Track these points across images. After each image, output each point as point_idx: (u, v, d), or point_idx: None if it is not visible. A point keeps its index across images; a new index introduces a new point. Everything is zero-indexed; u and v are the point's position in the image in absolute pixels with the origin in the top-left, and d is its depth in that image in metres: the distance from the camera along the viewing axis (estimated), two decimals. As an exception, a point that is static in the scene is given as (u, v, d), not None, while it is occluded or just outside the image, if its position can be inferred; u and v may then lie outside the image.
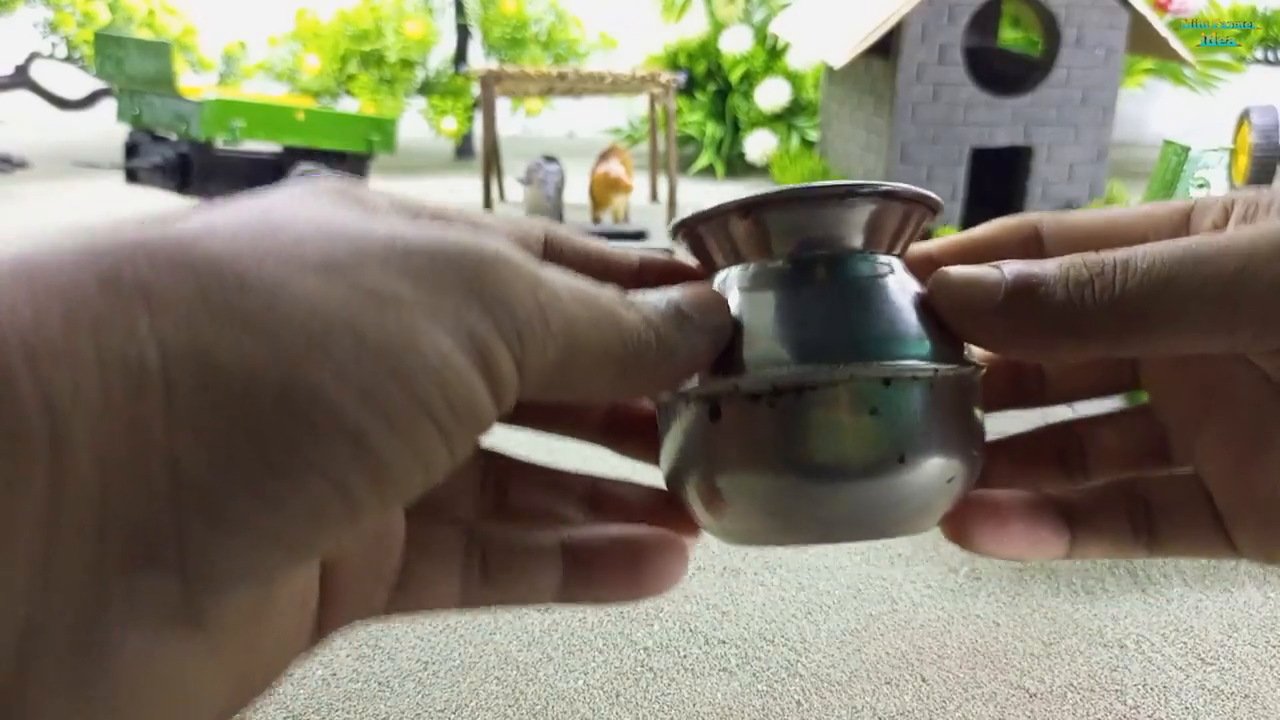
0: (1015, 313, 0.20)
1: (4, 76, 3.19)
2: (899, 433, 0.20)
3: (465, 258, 0.16)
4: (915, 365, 0.20)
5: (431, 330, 0.15)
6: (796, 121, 2.84)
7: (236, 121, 2.16)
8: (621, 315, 0.19)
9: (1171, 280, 0.19)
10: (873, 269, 0.21)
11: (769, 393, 0.20)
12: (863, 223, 0.21)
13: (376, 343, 0.15)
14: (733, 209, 0.22)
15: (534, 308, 0.17)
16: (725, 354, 0.21)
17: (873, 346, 0.20)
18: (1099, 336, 0.19)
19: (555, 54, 3.14)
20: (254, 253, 0.15)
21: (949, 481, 0.21)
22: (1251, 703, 0.71)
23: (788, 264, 0.21)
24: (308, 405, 0.14)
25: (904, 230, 0.22)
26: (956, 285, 0.21)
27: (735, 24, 2.92)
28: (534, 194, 1.97)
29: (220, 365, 0.14)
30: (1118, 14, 1.91)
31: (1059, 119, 1.96)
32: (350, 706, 0.69)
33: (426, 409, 0.15)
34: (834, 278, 0.21)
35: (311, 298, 0.15)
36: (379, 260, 0.16)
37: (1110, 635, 0.78)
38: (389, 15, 2.98)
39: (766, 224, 0.21)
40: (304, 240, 0.15)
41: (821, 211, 0.21)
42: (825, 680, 0.73)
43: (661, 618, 0.80)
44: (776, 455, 0.20)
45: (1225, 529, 0.22)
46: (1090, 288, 0.19)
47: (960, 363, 0.21)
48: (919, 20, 1.85)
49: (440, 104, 3.02)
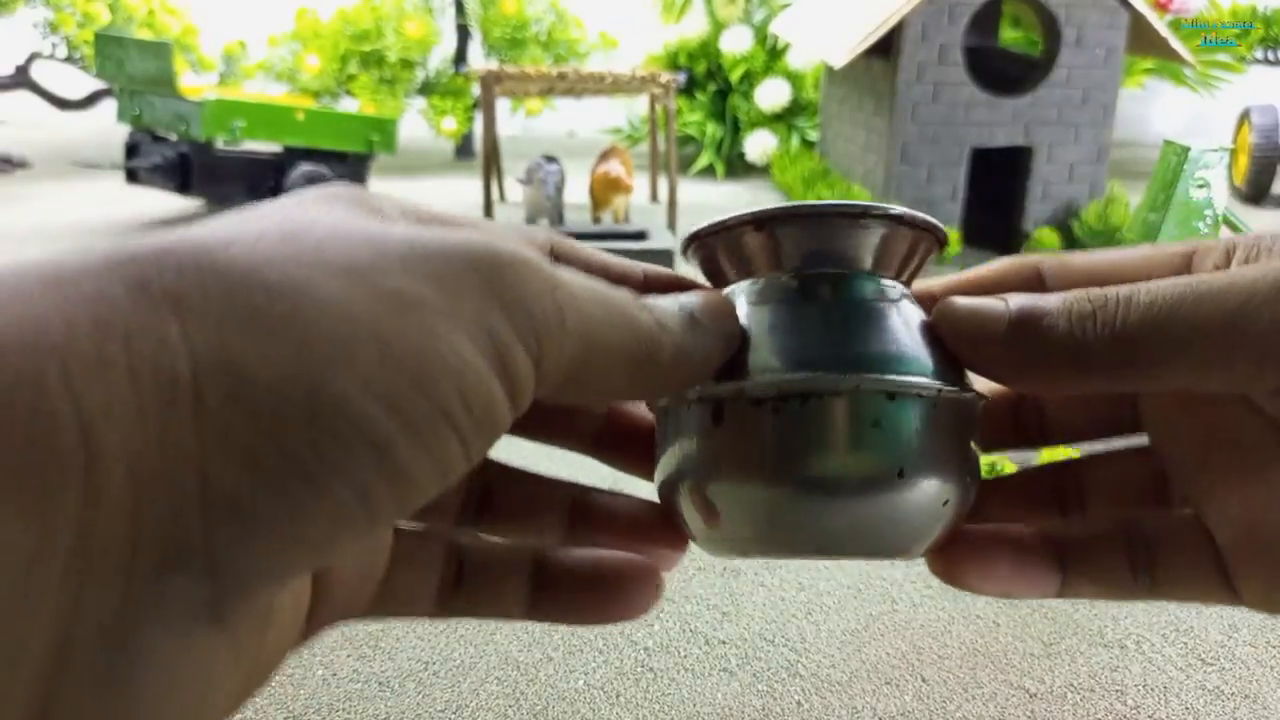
0: (1019, 343, 0.20)
1: (4, 77, 3.19)
2: (900, 448, 0.20)
3: (484, 259, 0.16)
4: (920, 383, 0.20)
5: (452, 334, 0.15)
6: (796, 121, 2.85)
7: (237, 121, 2.17)
8: (636, 315, 0.19)
9: (1173, 316, 0.19)
10: (881, 291, 0.22)
11: (774, 398, 0.20)
12: (874, 244, 0.22)
13: (399, 350, 0.15)
14: (747, 221, 0.22)
15: (551, 307, 0.17)
16: (730, 363, 0.21)
17: (878, 362, 0.20)
18: (1100, 369, 0.20)
19: (555, 54, 3.14)
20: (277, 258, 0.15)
21: (944, 504, 0.21)
22: (1251, 703, 0.71)
23: (797, 279, 0.22)
24: (333, 415, 0.14)
25: (912, 258, 0.23)
26: (962, 314, 0.21)
27: (735, 24, 2.93)
28: (534, 194, 1.97)
29: (248, 375, 0.14)
30: (1118, 14, 1.91)
31: (1059, 119, 1.96)
32: (350, 706, 0.69)
33: (447, 416, 0.15)
34: (843, 295, 0.21)
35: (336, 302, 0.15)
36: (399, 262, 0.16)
37: (1110, 635, 0.78)
38: (389, 15, 2.98)
39: (779, 238, 0.22)
40: (325, 244, 0.16)
41: (835, 229, 0.22)
42: (825, 680, 0.73)
43: (662, 618, 0.80)
44: (776, 462, 0.20)
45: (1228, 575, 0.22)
46: (1092, 321, 0.19)
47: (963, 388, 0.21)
48: (919, 20, 1.85)
49: (440, 104, 3.03)
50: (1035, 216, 2.00)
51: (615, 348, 0.18)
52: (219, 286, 0.14)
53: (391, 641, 0.76)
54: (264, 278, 0.15)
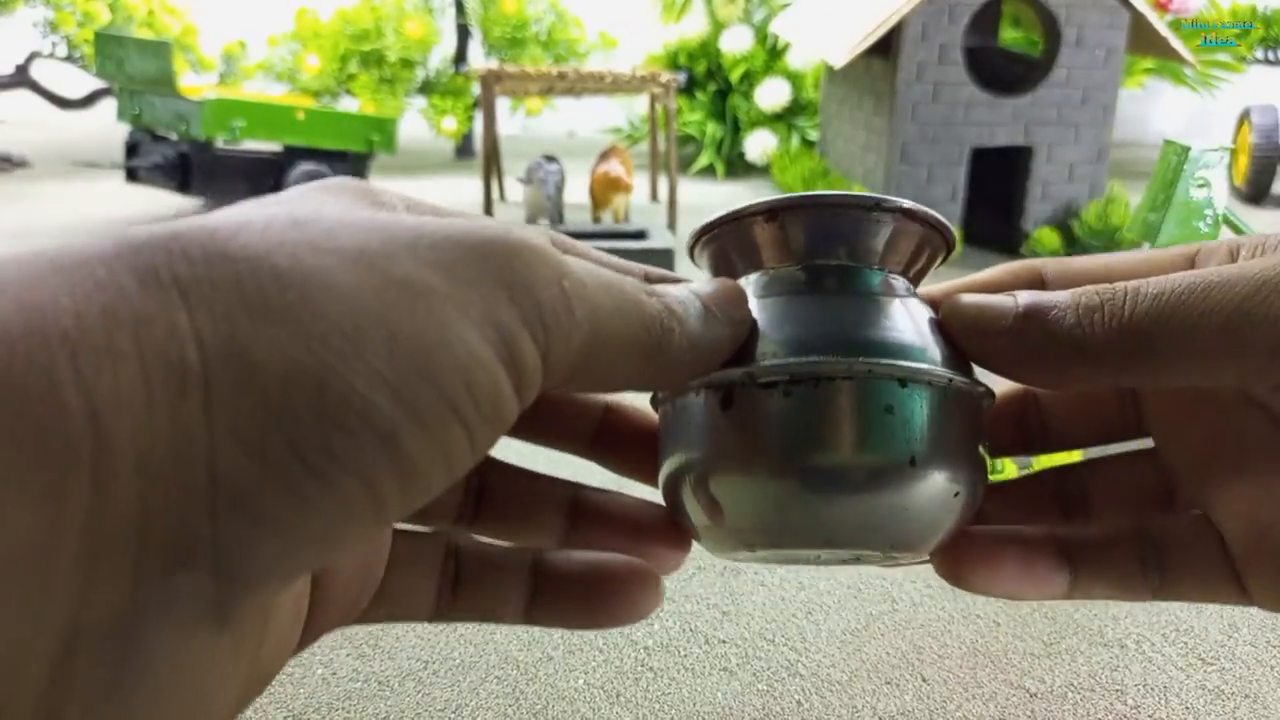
0: (1027, 336, 0.20)
1: (4, 76, 3.19)
2: (912, 435, 0.20)
3: (493, 247, 0.16)
4: (932, 370, 0.20)
5: (460, 324, 0.15)
6: (796, 121, 2.85)
7: (236, 121, 2.17)
8: (645, 302, 0.19)
9: (1180, 308, 0.19)
10: (889, 285, 0.22)
11: (785, 382, 0.20)
12: (884, 236, 0.21)
13: (408, 341, 0.15)
14: (759, 211, 0.21)
15: (559, 295, 0.17)
16: (739, 352, 0.21)
17: (889, 350, 0.20)
18: (1108, 362, 0.19)
19: (555, 54, 3.14)
20: (288, 244, 0.15)
21: (955, 496, 0.21)
22: (1252, 703, 0.71)
23: (807, 270, 0.21)
24: (342, 407, 0.14)
25: (920, 256, 0.22)
26: (970, 309, 0.21)
27: (735, 24, 2.92)
28: (534, 194, 1.97)
29: (258, 364, 0.14)
30: (1118, 14, 1.91)
31: (1059, 119, 1.96)
32: (350, 706, 0.69)
33: (454, 408, 0.15)
34: (852, 287, 0.21)
35: (345, 289, 0.15)
36: (409, 249, 0.16)
37: (1110, 635, 0.78)
38: (389, 15, 2.98)
39: (790, 228, 0.21)
40: (334, 231, 0.15)
41: (846, 220, 0.21)
42: (825, 680, 0.73)
43: (662, 618, 0.80)
44: (786, 448, 0.20)
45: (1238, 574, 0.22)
46: (1100, 313, 0.19)
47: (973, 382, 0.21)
48: (919, 20, 1.85)
49: (440, 104, 3.02)
50: (1035, 216, 2.00)
51: (624, 336, 0.18)
52: (228, 274, 0.14)
53: (391, 641, 0.76)
54: (274, 264, 0.14)
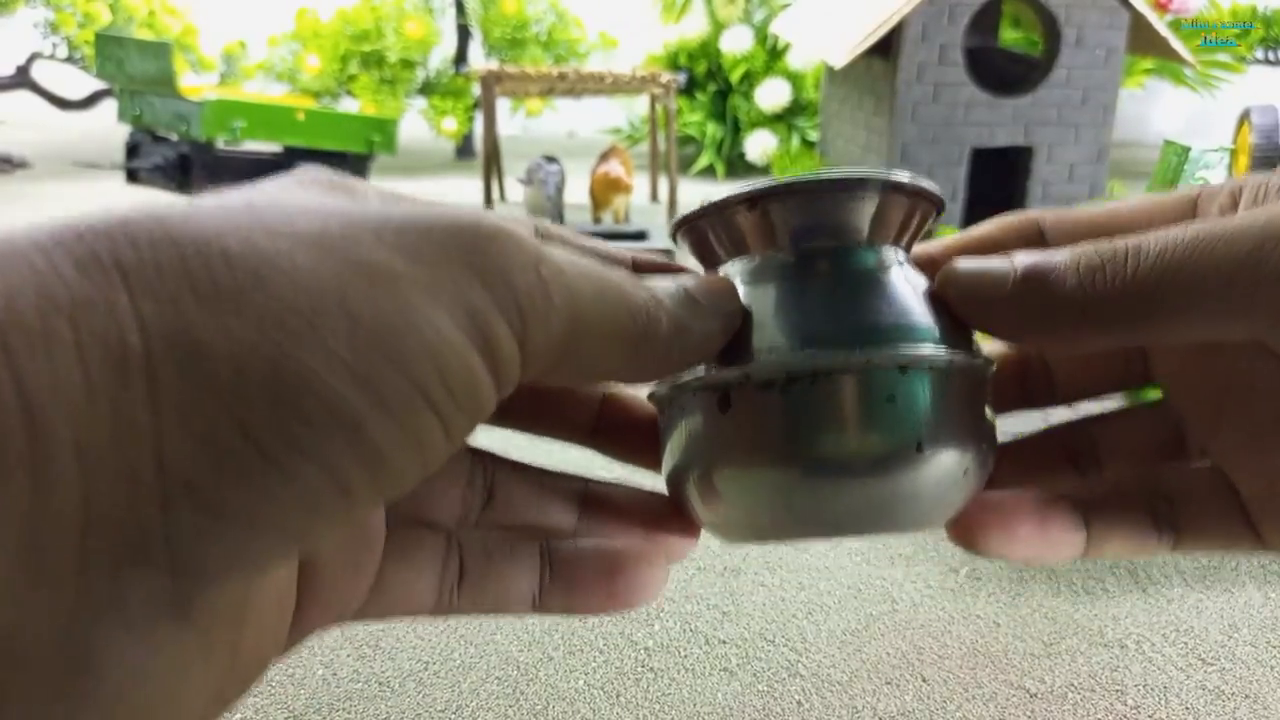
0: (1027, 300, 0.19)
1: (5, 77, 3.19)
2: (916, 421, 0.20)
3: (463, 232, 0.16)
4: (930, 353, 0.20)
5: (428, 307, 0.15)
6: (797, 121, 2.84)
7: (237, 122, 2.16)
8: (630, 292, 0.18)
9: (1184, 264, 0.18)
10: (881, 261, 0.21)
11: (782, 380, 0.19)
12: (870, 214, 0.21)
13: (371, 323, 0.14)
14: (739, 200, 0.21)
15: (535, 281, 0.16)
16: (731, 346, 0.20)
17: (885, 335, 0.20)
18: (1112, 323, 0.19)
19: (555, 54, 3.14)
20: (241, 227, 0.14)
21: (964, 473, 0.20)
22: (1252, 703, 0.71)
23: (795, 255, 0.21)
24: (299, 391, 0.13)
25: (909, 225, 0.22)
26: (966, 276, 0.20)
27: (735, 24, 2.92)
28: (534, 194, 1.97)
29: (205, 347, 0.13)
30: (1118, 14, 1.91)
31: (1059, 119, 1.96)
32: (350, 706, 0.69)
33: (424, 394, 0.14)
34: (842, 268, 0.21)
35: (301, 273, 0.14)
36: (373, 234, 0.15)
37: (1110, 635, 0.78)
38: (389, 15, 2.98)
39: (772, 215, 0.21)
40: (293, 216, 0.15)
41: (830, 201, 0.21)
42: (825, 680, 0.73)
43: (662, 618, 0.80)
44: (789, 446, 0.20)
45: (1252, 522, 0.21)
46: (1102, 273, 0.19)
47: (972, 354, 0.21)
48: (919, 20, 1.85)
49: (441, 104, 3.02)
50: (1035, 216, 2.00)
51: (608, 324, 0.18)
52: (173, 257, 0.13)
53: (391, 641, 0.76)
54: (224, 247, 0.14)
